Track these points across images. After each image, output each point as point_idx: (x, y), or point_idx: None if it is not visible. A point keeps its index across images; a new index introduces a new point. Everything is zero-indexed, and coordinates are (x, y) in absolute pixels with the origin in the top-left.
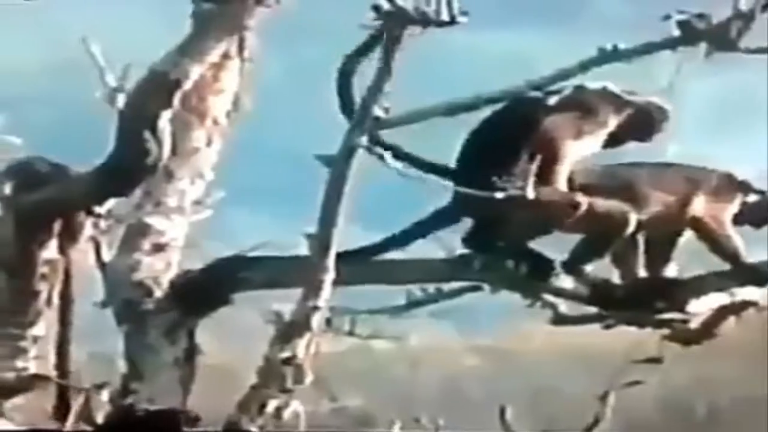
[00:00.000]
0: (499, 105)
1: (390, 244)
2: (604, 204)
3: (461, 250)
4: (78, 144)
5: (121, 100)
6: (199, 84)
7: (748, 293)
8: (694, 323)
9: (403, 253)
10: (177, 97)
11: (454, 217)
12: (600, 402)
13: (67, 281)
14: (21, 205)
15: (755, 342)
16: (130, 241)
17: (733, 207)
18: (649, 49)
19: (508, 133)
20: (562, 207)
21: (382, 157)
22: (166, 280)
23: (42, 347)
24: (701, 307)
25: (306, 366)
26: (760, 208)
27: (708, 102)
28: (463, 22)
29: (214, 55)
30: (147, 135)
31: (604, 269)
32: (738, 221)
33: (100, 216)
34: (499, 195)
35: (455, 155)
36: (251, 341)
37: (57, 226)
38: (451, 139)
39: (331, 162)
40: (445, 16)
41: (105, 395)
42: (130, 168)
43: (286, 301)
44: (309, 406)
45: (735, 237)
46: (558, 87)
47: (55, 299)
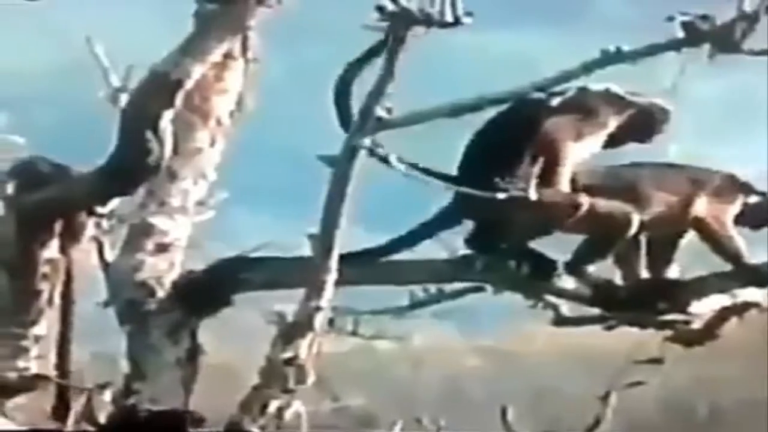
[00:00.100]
0: (503, 106)
1: (396, 246)
2: (607, 205)
3: (464, 251)
4: (81, 144)
5: (124, 100)
6: (202, 84)
7: (750, 294)
8: (696, 324)
9: (406, 253)
10: (179, 97)
11: (459, 218)
12: (601, 403)
13: (68, 281)
14: (23, 204)
15: (757, 343)
16: (133, 241)
17: (734, 208)
18: (653, 50)
19: (510, 134)
20: (564, 207)
21: (385, 158)
22: (168, 281)
23: (43, 347)
24: (703, 308)
25: (308, 366)
26: (760, 209)
27: (711, 103)
28: (467, 23)
29: (216, 55)
30: (149, 135)
31: (607, 270)
32: (737, 222)
33: (102, 216)
34: (501, 196)
35: (458, 157)
36: (253, 341)
37: (58, 226)
38: (454, 140)
39: (334, 163)
40: (449, 17)
41: (107, 395)
42: (131, 168)
43: (288, 301)
44: (311, 406)
45: (737, 238)
46: (561, 88)
47: (57, 299)
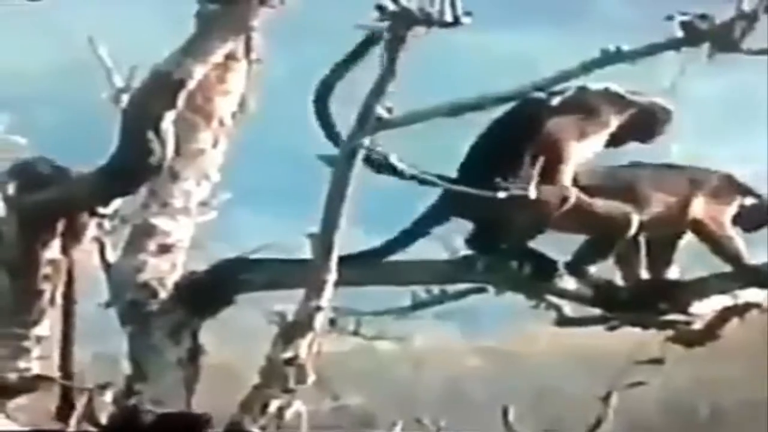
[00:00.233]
0: (503, 106)
1: (391, 247)
2: (606, 205)
3: (465, 252)
4: (83, 144)
5: (125, 100)
6: (205, 85)
7: (751, 295)
8: (698, 325)
9: (408, 254)
10: (181, 98)
11: (450, 213)
12: (602, 403)
13: (70, 282)
14: (24, 204)
15: (758, 344)
16: (135, 241)
17: (732, 209)
18: (652, 50)
19: (512, 135)
20: (551, 201)
21: (385, 158)
22: (171, 282)
23: (45, 348)
24: (704, 308)
25: (308, 366)
26: (756, 212)
27: (710, 103)
28: (466, 22)
29: (218, 56)
30: (150, 135)
31: (608, 271)
32: (733, 224)
33: (104, 216)
34: (501, 195)
35: (458, 156)
36: (254, 342)
37: (60, 226)
38: (453, 139)
39: (334, 163)
40: (448, 17)
41: (108, 396)
42: (133, 168)
43: (289, 302)
44: (311, 406)
45: (736, 238)
46: (561, 88)
47: (59, 299)
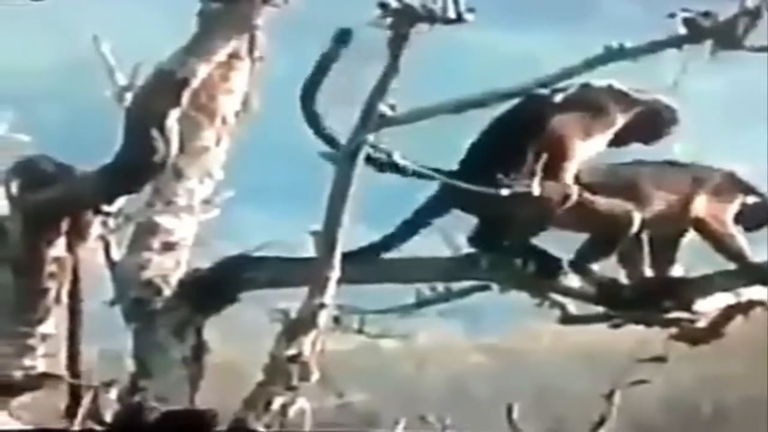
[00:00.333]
0: (506, 103)
1: (391, 241)
2: (608, 203)
3: (468, 250)
4: (88, 143)
5: (129, 98)
6: (209, 83)
7: (755, 293)
8: (701, 323)
9: (411, 252)
10: (185, 96)
11: (448, 205)
12: (606, 401)
13: (75, 280)
14: (29, 203)
15: (761, 341)
16: (139, 239)
17: (734, 207)
18: (655, 47)
19: (516, 131)
20: (553, 198)
21: (389, 155)
22: (175, 279)
23: (51, 345)
24: (708, 306)
25: (312, 363)
26: (757, 211)
27: (713, 100)
28: (469, 19)
29: (221, 54)
30: (154, 133)
31: (611, 269)
32: (735, 222)
33: (108, 214)
34: (504, 192)
35: (460, 153)
36: (257, 339)
37: (65, 225)
38: (455, 136)
39: (337, 160)
40: (451, 14)
41: (113, 393)
42: (137, 166)
43: (292, 300)
44: (315, 403)
45: (738, 236)
46: (564, 85)
47: (64, 297)
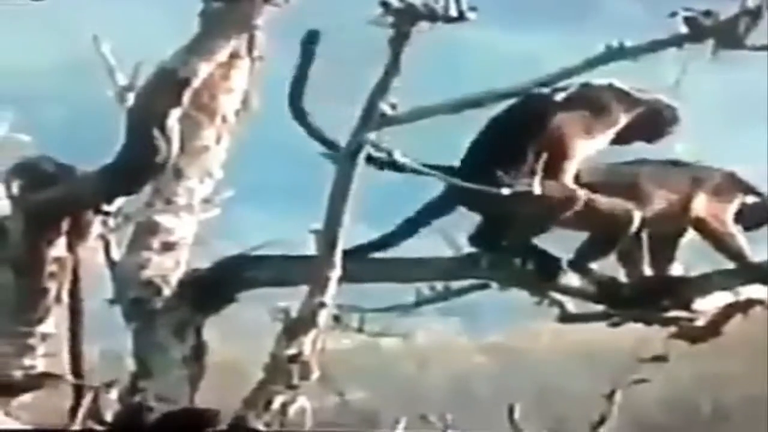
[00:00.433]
0: (507, 102)
1: (396, 237)
2: (608, 202)
3: (469, 249)
4: (89, 142)
5: (131, 98)
6: (209, 82)
7: (754, 291)
8: (701, 321)
9: (412, 251)
10: (186, 96)
11: (453, 205)
12: (607, 400)
13: (75, 280)
14: (29, 203)
15: (760, 340)
16: (139, 239)
17: (733, 207)
18: (656, 46)
19: (517, 130)
20: (561, 201)
21: (390, 154)
22: (174, 279)
23: (51, 345)
24: (707, 305)
25: (312, 362)
26: (757, 210)
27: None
28: (471, 18)
29: (222, 54)
30: (156, 133)
31: (611, 267)
32: (735, 222)
33: (108, 214)
34: (505, 191)
35: (460, 152)
36: (258, 338)
37: (65, 224)
38: (455, 135)
39: (338, 159)
40: (453, 12)
41: (114, 393)
42: (138, 166)
43: (293, 299)
44: (315, 402)
45: (738, 236)
46: (565, 84)
47: (64, 297)
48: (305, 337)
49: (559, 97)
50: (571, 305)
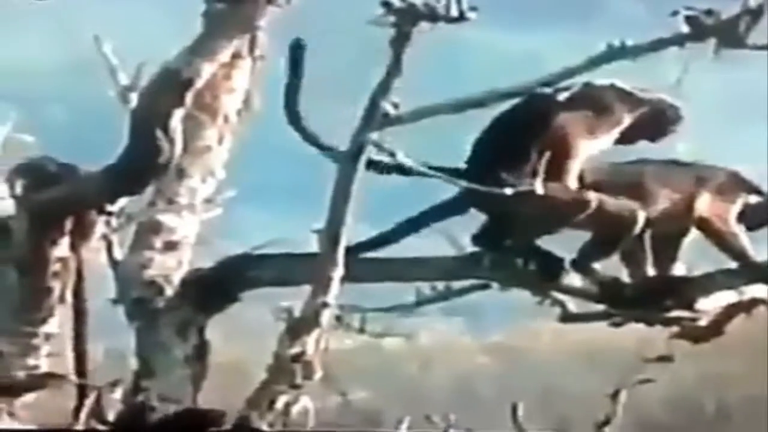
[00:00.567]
0: (510, 102)
1: (395, 234)
2: (614, 203)
3: (471, 248)
4: (92, 143)
5: (133, 98)
6: (211, 83)
7: (756, 291)
8: (703, 321)
9: (413, 251)
10: (189, 96)
11: (461, 209)
12: (611, 400)
13: (79, 279)
14: (33, 203)
15: (763, 340)
16: (141, 239)
17: (736, 206)
18: (657, 45)
19: (520, 129)
20: (572, 205)
21: (392, 154)
22: (177, 278)
23: (54, 345)
24: (710, 305)
25: (315, 362)
26: (759, 210)
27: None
28: (472, 18)
29: (225, 55)
30: (159, 133)
31: (613, 267)
32: (737, 221)
33: (111, 214)
34: (508, 191)
35: (462, 152)
36: (261, 338)
37: (69, 224)
38: (457, 135)
39: (340, 159)
40: (454, 12)
41: (118, 393)
42: (141, 166)
43: (296, 298)
44: (318, 402)
45: (741, 235)
46: (567, 84)
47: (68, 297)
48: (308, 336)
49: (561, 97)
50: (573, 305)
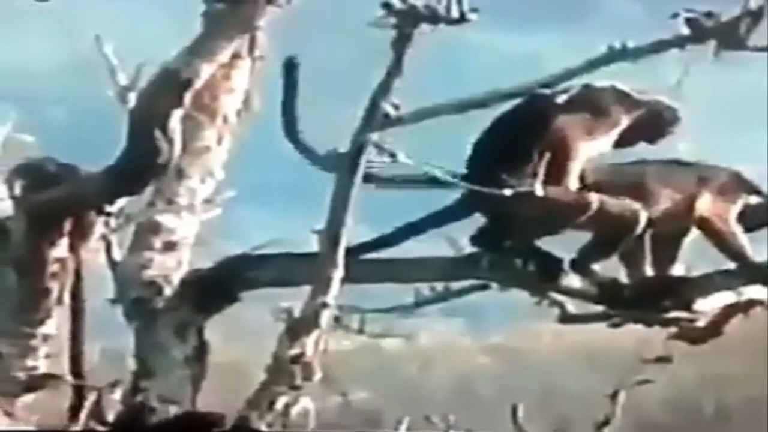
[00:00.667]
0: (510, 103)
1: (398, 237)
2: (617, 203)
3: (470, 249)
4: (92, 143)
5: (132, 99)
6: (210, 83)
7: (755, 292)
8: (701, 322)
9: (412, 252)
10: (188, 97)
11: (462, 214)
12: (610, 401)
13: (77, 280)
14: (32, 203)
15: (761, 340)
16: (140, 239)
17: (737, 207)
18: (658, 47)
19: (520, 131)
20: (573, 207)
21: (392, 155)
22: (176, 279)
23: (53, 346)
24: (708, 305)
25: (315, 363)
26: (759, 211)
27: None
28: (473, 19)
29: (224, 55)
30: (158, 134)
31: (612, 268)
32: (737, 222)
33: (110, 215)
34: (507, 192)
35: (463, 153)
36: (260, 339)
37: (68, 225)
38: (457, 136)
39: (341, 160)
40: (455, 14)
41: (117, 394)
42: (140, 167)
43: (295, 299)
44: (318, 403)
45: (740, 236)
46: (567, 86)
47: (66, 298)
48: (308, 337)
49: (560, 99)
50: (571, 306)
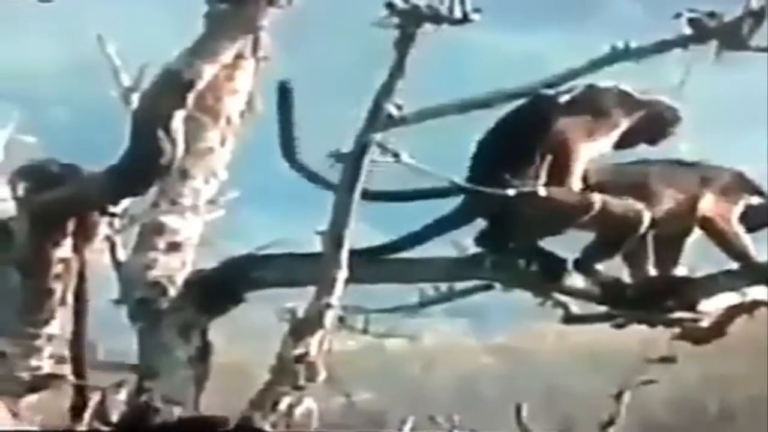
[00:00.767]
0: (512, 103)
1: (405, 243)
2: (620, 204)
3: (473, 250)
4: (94, 144)
5: (135, 99)
6: (214, 84)
7: (758, 292)
8: (705, 322)
9: (416, 252)
10: (191, 98)
11: (471, 217)
12: (615, 401)
13: (81, 281)
14: (35, 204)
15: (765, 341)
16: (145, 240)
17: (739, 207)
18: (660, 47)
19: (522, 132)
20: (576, 207)
21: (396, 155)
22: (180, 279)
23: (57, 346)
24: (712, 306)
25: (319, 363)
26: (760, 212)
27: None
28: (476, 19)
29: (227, 56)
30: (161, 135)
31: (615, 268)
32: (739, 222)
33: (114, 215)
34: (510, 193)
35: (464, 154)
36: (264, 339)
37: (71, 226)
38: (460, 137)
39: (344, 160)
40: (457, 14)
41: (123, 394)
42: (143, 168)
43: (299, 299)
44: (321, 403)
45: (743, 236)
46: (570, 86)
47: (70, 298)
48: (312, 338)
49: (562, 99)
50: (575, 306)
